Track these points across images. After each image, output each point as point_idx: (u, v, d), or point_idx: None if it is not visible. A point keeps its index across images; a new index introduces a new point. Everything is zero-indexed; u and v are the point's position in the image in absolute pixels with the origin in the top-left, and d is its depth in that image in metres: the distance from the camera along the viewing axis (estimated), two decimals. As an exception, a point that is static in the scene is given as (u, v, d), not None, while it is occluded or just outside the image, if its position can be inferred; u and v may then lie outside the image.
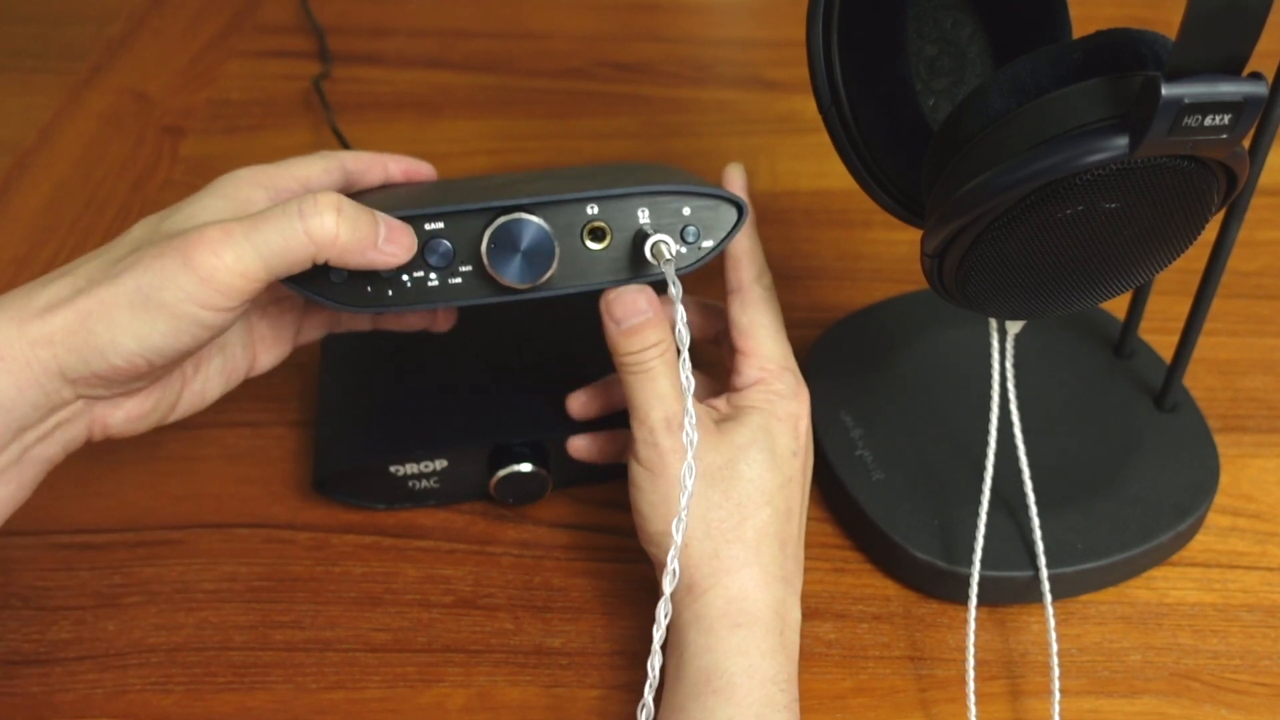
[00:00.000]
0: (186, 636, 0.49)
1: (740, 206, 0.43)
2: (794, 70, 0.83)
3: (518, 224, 0.41)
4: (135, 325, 0.37)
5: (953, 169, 0.37)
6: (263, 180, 0.44)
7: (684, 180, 0.44)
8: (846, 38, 0.42)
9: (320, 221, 0.38)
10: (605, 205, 0.42)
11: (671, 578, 0.37)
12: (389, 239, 0.40)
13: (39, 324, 0.37)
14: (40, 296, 0.38)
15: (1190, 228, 0.38)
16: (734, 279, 0.46)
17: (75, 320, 0.37)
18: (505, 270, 0.41)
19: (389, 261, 0.40)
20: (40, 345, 0.37)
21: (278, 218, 0.38)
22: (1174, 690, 0.46)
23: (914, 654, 0.48)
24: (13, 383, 0.37)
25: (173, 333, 0.38)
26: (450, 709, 0.46)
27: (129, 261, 0.38)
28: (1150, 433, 0.52)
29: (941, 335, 0.57)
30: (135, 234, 0.41)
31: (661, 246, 0.41)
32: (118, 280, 0.37)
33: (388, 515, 0.54)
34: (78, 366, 0.38)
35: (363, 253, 0.39)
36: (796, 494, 0.44)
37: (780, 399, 0.44)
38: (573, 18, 0.89)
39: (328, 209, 0.38)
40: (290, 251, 0.38)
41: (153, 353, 0.38)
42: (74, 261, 0.40)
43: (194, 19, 0.90)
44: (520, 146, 0.77)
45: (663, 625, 0.37)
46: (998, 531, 0.48)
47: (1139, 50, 0.34)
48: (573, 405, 0.52)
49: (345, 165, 0.47)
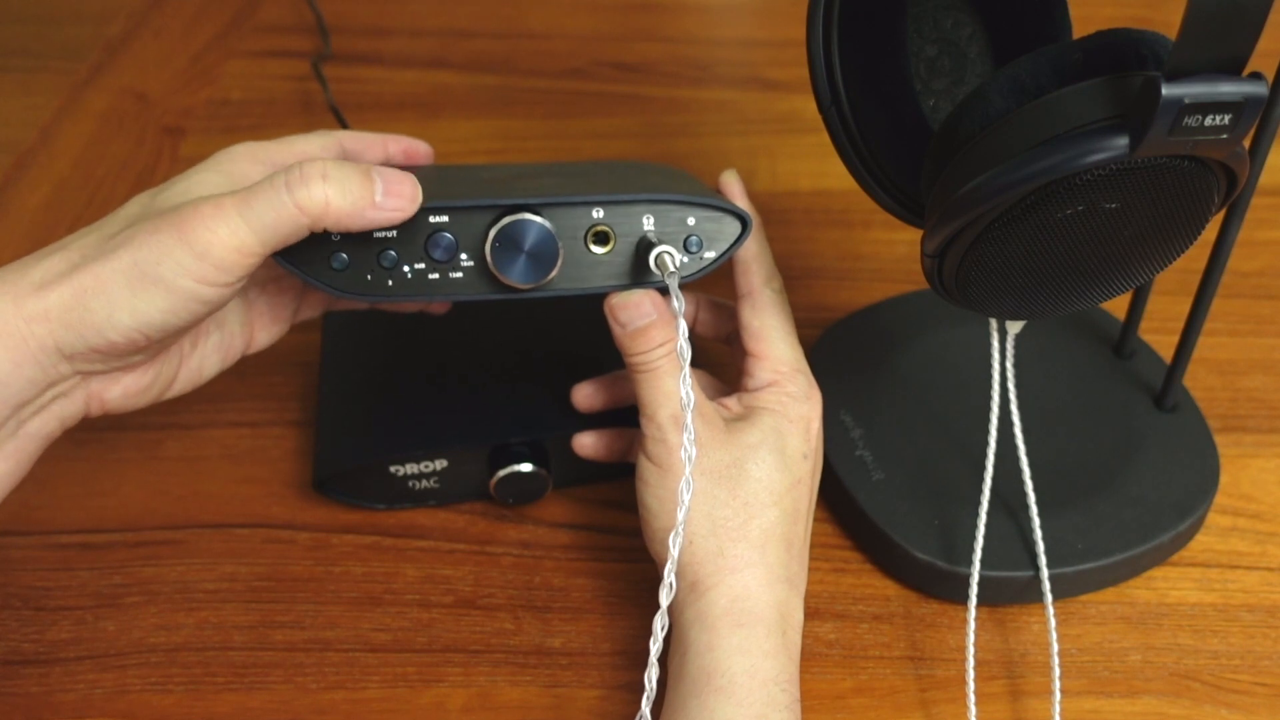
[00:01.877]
0: (186, 636, 0.49)
1: (744, 220, 0.43)
2: (794, 70, 0.83)
3: (523, 224, 0.41)
4: (133, 301, 0.37)
5: (953, 169, 0.37)
6: (260, 156, 0.43)
7: (689, 187, 0.44)
8: (846, 38, 0.42)
9: (307, 192, 0.37)
10: (611, 210, 0.42)
11: (668, 591, 0.37)
12: (387, 192, 0.38)
13: (35, 300, 0.37)
14: (35, 271, 0.38)
15: (1190, 228, 0.38)
16: (744, 283, 0.46)
17: (72, 297, 0.37)
18: (508, 270, 0.41)
19: (392, 218, 0.39)
20: (37, 321, 0.37)
21: (266, 190, 0.37)
22: (1174, 690, 0.46)
23: (914, 654, 0.48)
24: (9, 358, 0.37)
25: (170, 309, 0.37)
26: (450, 709, 0.46)
27: (124, 237, 0.37)
28: (1150, 433, 0.52)
29: (941, 335, 0.57)
30: (130, 209, 0.40)
31: (666, 258, 0.41)
32: (114, 255, 0.37)
33: (388, 515, 0.54)
34: (75, 343, 0.37)
35: (361, 214, 0.38)
36: (805, 496, 0.44)
37: (793, 401, 0.44)
38: (573, 18, 0.89)
39: (313, 177, 0.37)
40: (283, 224, 0.37)
41: (150, 328, 0.38)
42: (69, 236, 0.39)
43: (194, 19, 0.90)
44: (520, 146, 0.77)
45: (659, 638, 0.37)
46: (998, 531, 0.48)
47: (1139, 50, 0.34)
48: (578, 396, 0.52)
49: (343, 144, 0.47)
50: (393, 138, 0.49)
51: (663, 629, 0.37)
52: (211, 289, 0.38)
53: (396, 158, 0.49)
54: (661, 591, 0.37)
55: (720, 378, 0.51)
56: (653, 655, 0.37)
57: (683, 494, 0.38)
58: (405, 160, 0.49)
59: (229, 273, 0.37)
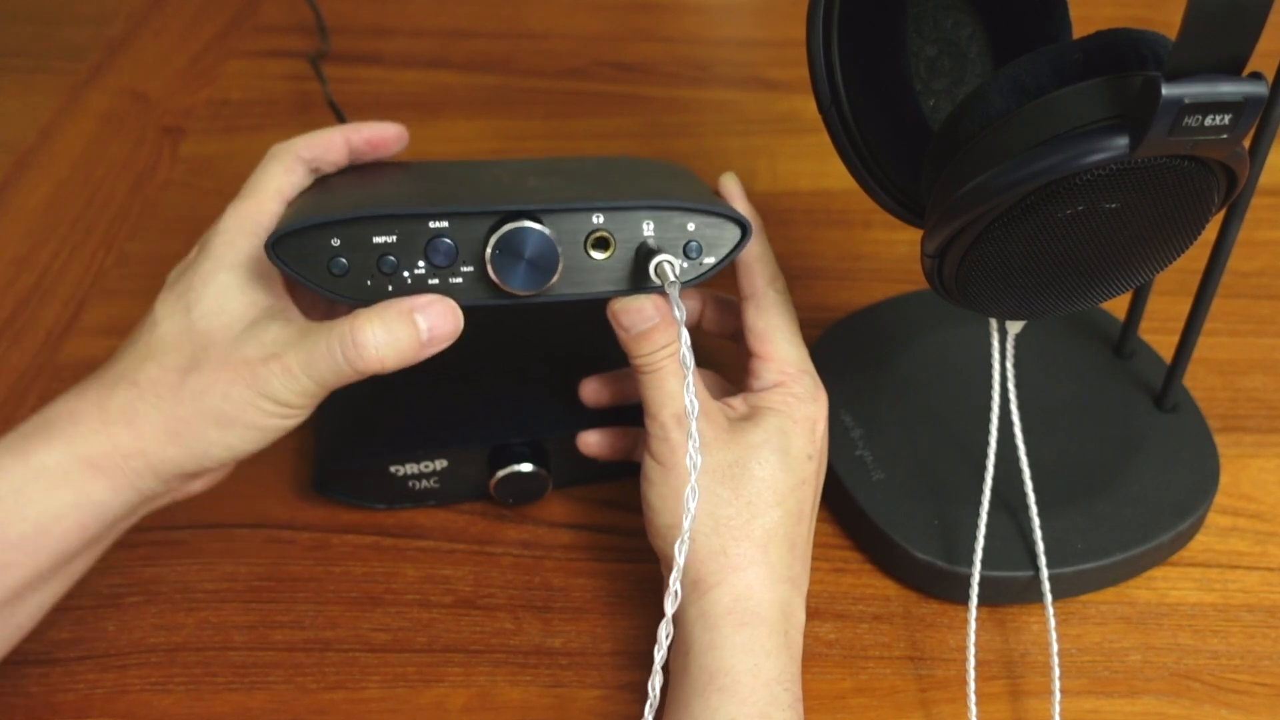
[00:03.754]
0: (186, 636, 0.49)
1: (745, 226, 0.43)
2: (794, 70, 0.83)
3: (523, 232, 0.40)
4: (223, 438, 0.42)
5: (953, 169, 0.37)
6: (246, 227, 0.44)
7: (690, 190, 0.44)
8: (846, 38, 0.42)
9: (363, 360, 0.40)
10: (611, 216, 0.42)
11: (673, 599, 0.38)
12: (432, 331, 0.41)
13: (129, 438, 0.41)
14: (111, 406, 0.41)
15: (1190, 228, 0.37)
16: (747, 285, 0.46)
17: (165, 437, 0.41)
18: (508, 277, 0.41)
19: (443, 345, 0.42)
20: (134, 457, 0.41)
21: (325, 357, 0.40)
22: (1174, 690, 0.46)
23: (914, 654, 0.48)
24: (108, 486, 0.41)
25: (256, 439, 0.43)
26: (450, 709, 0.46)
27: (199, 386, 0.41)
28: (1150, 433, 0.52)
29: (941, 335, 0.57)
30: (165, 326, 0.42)
31: (666, 267, 0.41)
32: (197, 401, 0.41)
33: (388, 515, 0.54)
34: (171, 471, 0.42)
35: (414, 357, 0.41)
36: (809, 497, 0.44)
37: (799, 402, 0.44)
38: (573, 18, 0.89)
39: (367, 345, 0.40)
40: (345, 379, 0.41)
41: (240, 453, 0.43)
42: (124, 358, 0.43)
43: (194, 19, 0.90)
44: (520, 146, 0.77)
45: (664, 646, 0.37)
46: (998, 531, 0.48)
47: (1139, 50, 0.34)
48: (585, 390, 0.52)
49: (301, 156, 0.46)
50: (353, 128, 0.47)
51: (667, 636, 0.37)
52: (289, 421, 0.43)
53: (361, 150, 0.48)
54: (666, 600, 0.37)
55: (726, 377, 0.51)
56: (657, 663, 0.37)
57: (688, 501, 0.38)
58: (371, 151, 0.48)
59: (303, 409, 0.43)
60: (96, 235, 0.70)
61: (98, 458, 0.41)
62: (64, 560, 0.42)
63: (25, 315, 0.64)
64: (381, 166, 0.49)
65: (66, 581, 0.44)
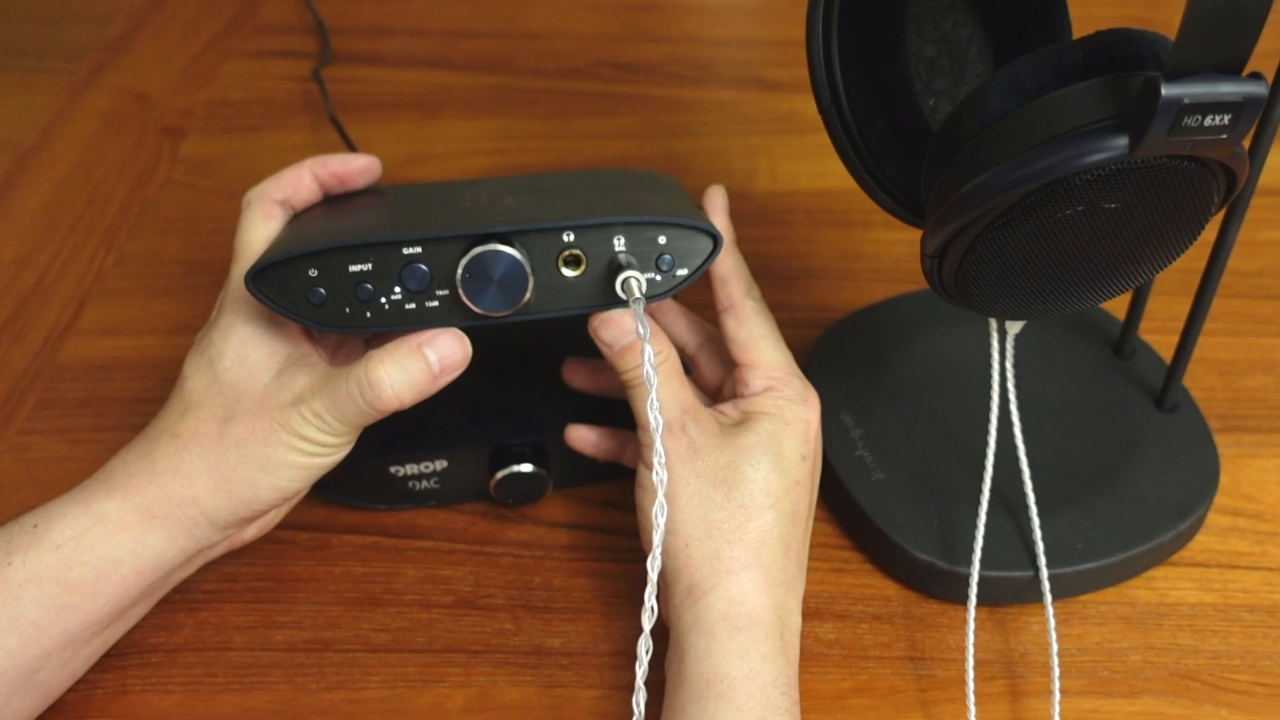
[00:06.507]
0: (186, 636, 0.49)
1: (715, 238, 0.43)
2: (794, 70, 0.83)
3: (492, 255, 0.41)
4: (270, 480, 0.43)
5: (953, 169, 0.37)
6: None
7: (665, 203, 0.45)
8: (846, 38, 0.42)
9: (381, 400, 0.42)
10: (582, 234, 0.42)
11: (650, 615, 0.38)
12: (443, 362, 0.42)
13: (179, 486, 0.43)
14: (158, 459, 0.43)
15: (1190, 228, 0.38)
16: (724, 297, 0.47)
17: (214, 484, 0.43)
18: (480, 299, 0.42)
19: (455, 374, 0.43)
20: (188, 505, 0.43)
21: (347, 402, 0.42)
22: (1174, 690, 0.46)
23: (914, 654, 0.48)
24: (164, 534, 0.43)
25: (303, 477, 0.44)
26: (450, 709, 0.46)
27: (240, 432, 0.43)
28: (1150, 433, 0.52)
29: (941, 335, 0.57)
30: (192, 382, 0.44)
31: (632, 283, 0.42)
32: (241, 449, 0.43)
33: (388, 515, 0.54)
34: (226, 518, 0.44)
35: (430, 389, 0.43)
36: (804, 497, 0.44)
37: (790, 404, 0.44)
38: (573, 18, 0.89)
39: (381, 385, 0.41)
40: (371, 418, 0.43)
41: (290, 492, 0.44)
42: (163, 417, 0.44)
43: (194, 19, 0.90)
44: (520, 146, 0.77)
45: (644, 661, 0.38)
46: (998, 531, 0.48)
47: (1139, 50, 0.34)
48: (568, 369, 0.53)
49: (274, 198, 0.46)
50: (319, 162, 0.48)
51: (647, 652, 0.38)
52: (331, 457, 0.44)
53: (329, 184, 0.48)
54: (644, 615, 0.38)
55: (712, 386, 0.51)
56: (639, 678, 0.38)
57: (656, 517, 0.39)
58: (339, 185, 0.49)
59: (342, 445, 0.44)
60: (96, 235, 0.70)
61: (154, 506, 0.42)
62: (122, 607, 0.43)
63: (25, 315, 0.64)
64: (361, 196, 0.49)
65: (122, 629, 0.45)
